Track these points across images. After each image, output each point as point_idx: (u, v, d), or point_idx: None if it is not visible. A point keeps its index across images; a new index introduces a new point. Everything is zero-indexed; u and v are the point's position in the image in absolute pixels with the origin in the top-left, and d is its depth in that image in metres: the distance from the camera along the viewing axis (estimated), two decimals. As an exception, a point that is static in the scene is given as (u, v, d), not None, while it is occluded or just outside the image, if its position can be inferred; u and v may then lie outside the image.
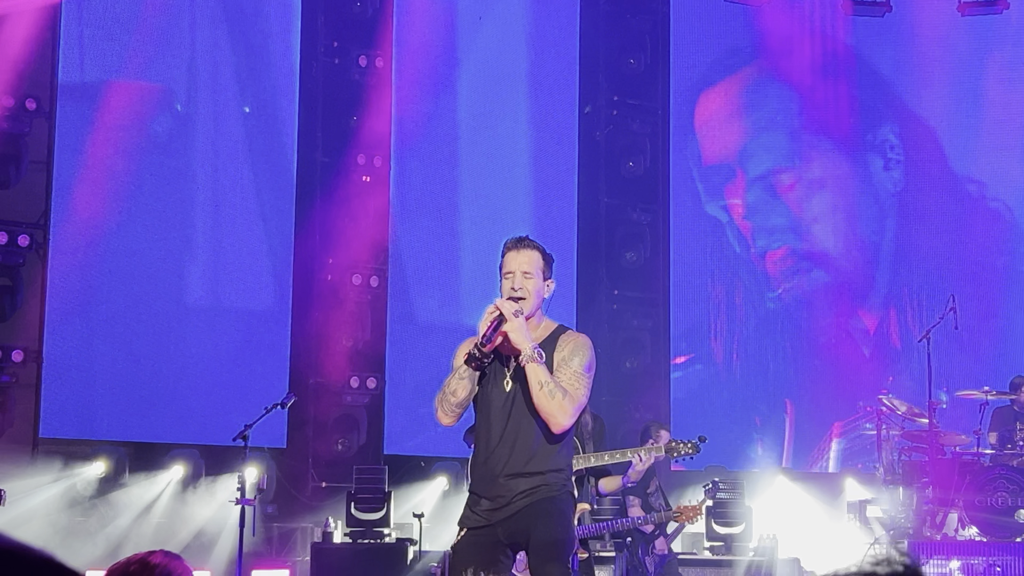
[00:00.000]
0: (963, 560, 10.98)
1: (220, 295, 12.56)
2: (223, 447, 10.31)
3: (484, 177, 13.69)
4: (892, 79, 15.05)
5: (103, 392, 11.91)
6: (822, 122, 14.89)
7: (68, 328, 11.70)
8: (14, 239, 11.20)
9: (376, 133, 12.78)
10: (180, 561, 3.38)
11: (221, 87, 12.63)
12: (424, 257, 13.39)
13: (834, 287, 14.76)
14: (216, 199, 12.56)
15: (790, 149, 14.86)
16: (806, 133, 14.91)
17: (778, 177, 14.73)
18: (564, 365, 5.61)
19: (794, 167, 14.79)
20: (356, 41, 12.82)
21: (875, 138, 14.96)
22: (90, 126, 11.90)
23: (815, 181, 14.82)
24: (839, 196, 14.91)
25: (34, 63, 11.44)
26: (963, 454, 11.83)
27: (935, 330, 11.81)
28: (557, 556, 5.53)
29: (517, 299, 5.62)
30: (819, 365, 14.42)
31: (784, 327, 14.60)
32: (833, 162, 14.93)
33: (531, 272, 5.68)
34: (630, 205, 14.06)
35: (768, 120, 14.83)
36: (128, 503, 11.44)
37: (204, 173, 12.54)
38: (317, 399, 12.40)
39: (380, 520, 11.34)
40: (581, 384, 5.59)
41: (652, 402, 13.79)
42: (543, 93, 14.13)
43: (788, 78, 14.87)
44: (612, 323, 13.86)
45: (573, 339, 5.73)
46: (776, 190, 14.72)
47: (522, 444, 5.59)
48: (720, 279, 14.52)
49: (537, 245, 5.79)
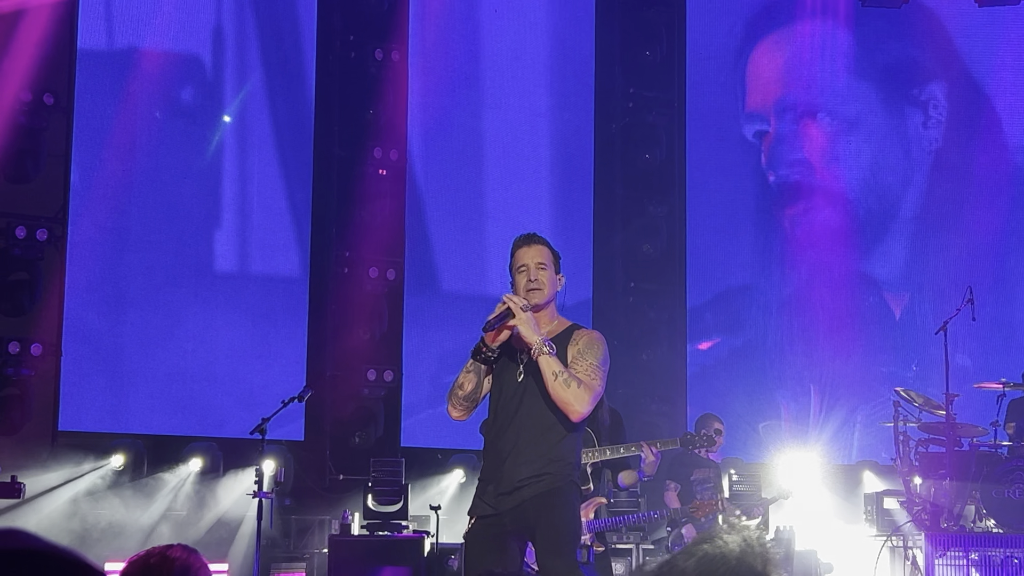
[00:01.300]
0: (981, 552, 10.97)
1: (242, 282, 12.61)
2: (241, 440, 10.35)
3: (500, 170, 13.71)
4: (957, 40, 14.81)
5: (122, 385, 11.96)
6: (869, 66, 14.71)
7: (87, 322, 11.75)
8: (32, 233, 11.25)
9: (392, 126, 12.80)
10: (198, 556, 3.41)
11: (247, 58, 12.72)
12: (440, 250, 13.40)
13: (847, 231, 14.61)
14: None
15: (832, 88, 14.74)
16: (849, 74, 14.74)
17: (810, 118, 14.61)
18: (580, 358, 5.68)
19: (829, 107, 14.67)
20: (372, 34, 12.84)
21: (920, 93, 14.81)
22: (113, 102, 11.98)
23: (848, 121, 14.68)
24: (867, 142, 14.74)
25: (52, 58, 11.49)
26: (980, 446, 11.81)
27: (952, 321, 11.78)
28: (562, 549, 5.58)
29: (534, 290, 5.70)
30: (842, 353, 14.35)
31: (803, 313, 14.50)
32: (869, 107, 14.76)
33: (544, 263, 5.76)
34: (646, 197, 14.05)
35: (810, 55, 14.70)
36: (146, 496, 11.49)
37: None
38: (334, 392, 12.43)
39: (397, 512, 11.37)
40: (597, 376, 5.65)
41: (668, 394, 13.79)
42: (559, 85, 14.13)
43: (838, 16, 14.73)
44: (628, 315, 13.86)
45: (587, 335, 5.80)
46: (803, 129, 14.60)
47: (529, 433, 5.67)
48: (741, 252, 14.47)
49: (546, 241, 5.88)
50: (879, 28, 14.70)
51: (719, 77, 14.67)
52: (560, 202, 14.00)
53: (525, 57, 13.92)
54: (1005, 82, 14.70)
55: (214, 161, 12.55)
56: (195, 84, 12.53)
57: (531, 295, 5.75)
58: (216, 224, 12.57)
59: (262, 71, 12.82)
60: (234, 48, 12.70)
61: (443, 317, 13.18)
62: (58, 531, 10.95)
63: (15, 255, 11.24)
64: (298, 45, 12.91)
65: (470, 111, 13.63)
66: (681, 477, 10.69)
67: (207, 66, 12.61)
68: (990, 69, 14.73)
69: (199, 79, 12.57)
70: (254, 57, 12.81)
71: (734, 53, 14.65)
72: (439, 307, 13.25)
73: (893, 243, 14.70)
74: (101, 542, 11.06)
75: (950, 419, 11.63)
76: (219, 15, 12.68)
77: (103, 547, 10.98)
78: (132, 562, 3.45)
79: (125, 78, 12.13)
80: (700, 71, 14.50)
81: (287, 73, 12.88)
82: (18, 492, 10.03)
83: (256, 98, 12.78)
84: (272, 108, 12.82)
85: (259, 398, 11.26)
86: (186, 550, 3.42)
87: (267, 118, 12.79)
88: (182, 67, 12.48)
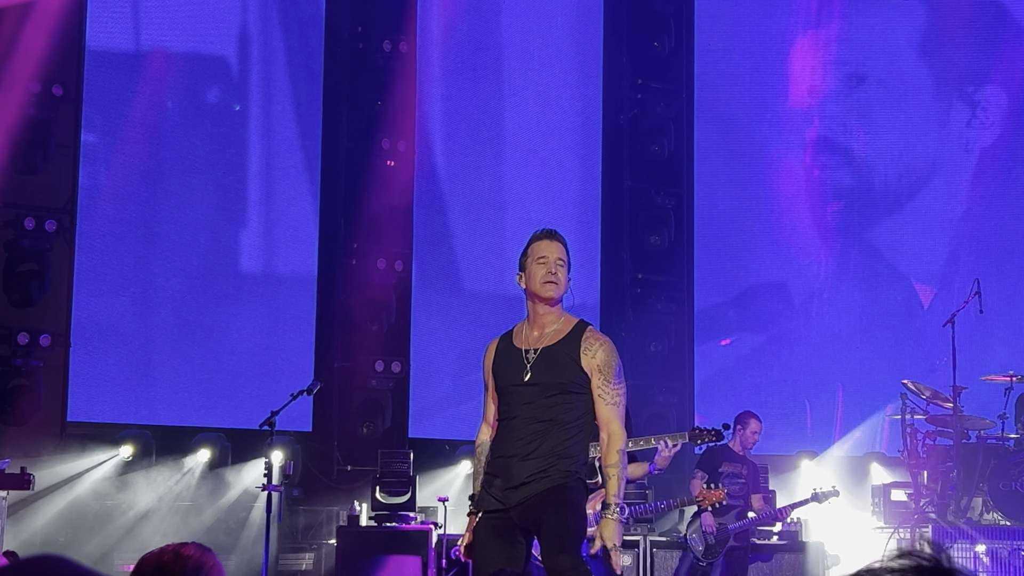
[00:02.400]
0: (988, 544, 10.98)
1: (250, 282, 12.64)
2: (250, 431, 10.37)
3: (507, 162, 13.71)
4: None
5: (130, 376, 11.99)
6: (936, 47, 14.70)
7: (95, 312, 11.78)
8: (41, 224, 11.27)
9: (401, 118, 12.81)
10: (212, 554, 3.42)
11: (271, 56, 12.74)
12: (448, 241, 13.41)
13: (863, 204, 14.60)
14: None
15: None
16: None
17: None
18: (603, 381, 5.75)
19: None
20: (380, 26, 12.84)
21: (974, 92, 14.73)
22: (129, 98, 12.00)
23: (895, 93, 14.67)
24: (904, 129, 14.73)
25: (61, 49, 11.50)
26: (987, 438, 11.82)
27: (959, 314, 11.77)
28: (567, 546, 5.61)
29: (550, 283, 5.75)
30: (860, 345, 14.31)
31: (831, 306, 14.45)
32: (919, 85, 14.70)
33: (563, 260, 5.82)
34: (654, 189, 14.05)
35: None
36: (154, 487, 11.52)
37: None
38: (343, 383, 12.45)
39: (405, 504, 11.40)
40: (619, 394, 5.82)
41: (676, 386, 13.80)
42: (567, 77, 14.11)
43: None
44: (636, 307, 13.86)
45: (600, 344, 5.82)
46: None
47: (537, 429, 5.72)
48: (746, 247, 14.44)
49: (565, 241, 5.92)
50: (955, 14, 14.65)
51: (727, 69, 14.63)
52: (567, 193, 13.98)
53: (532, 49, 13.91)
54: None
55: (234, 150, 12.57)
56: (219, 83, 12.54)
57: (546, 288, 5.80)
58: (237, 220, 12.59)
59: (279, 64, 12.82)
60: (259, 46, 12.71)
61: (464, 313, 13.15)
62: (66, 522, 11.00)
63: (24, 246, 11.27)
64: (306, 36, 12.92)
65: (476, 102, 13.62)
66: (709, 468, 10.73)
67: (232, 65, 12.62)
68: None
69: (223, 77, 12.58)
70: (272, 50, 12.80)
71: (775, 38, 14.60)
72: (459, 304, 13.23)
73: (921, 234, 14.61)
74: (110, 532, 11.10)
75: (957, 412, 11.64)
76: (244, 13, 12.70)
77: (111, 537, 11.02)
78: (145, 559, 3.45)
79: (142, 70, 12.14)
80: (708, 62, 14.49)
81: (296, 64, 12.88)
82: (28, 483, 10.05)
83: (278, 89, 12.80)
84: (285, 96, 12.83)
85: (268, 389, 11.28)
86: (200, 548, 3.42)
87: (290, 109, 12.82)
88: (207, 66, 12.50)
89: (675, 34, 14.24)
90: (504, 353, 5.90)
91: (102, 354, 11.82)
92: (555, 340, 5.82)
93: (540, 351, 5.81)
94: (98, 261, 11.85)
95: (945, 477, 11.72)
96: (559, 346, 5.80)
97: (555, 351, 5.78)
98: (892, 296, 14.52)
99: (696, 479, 10.63)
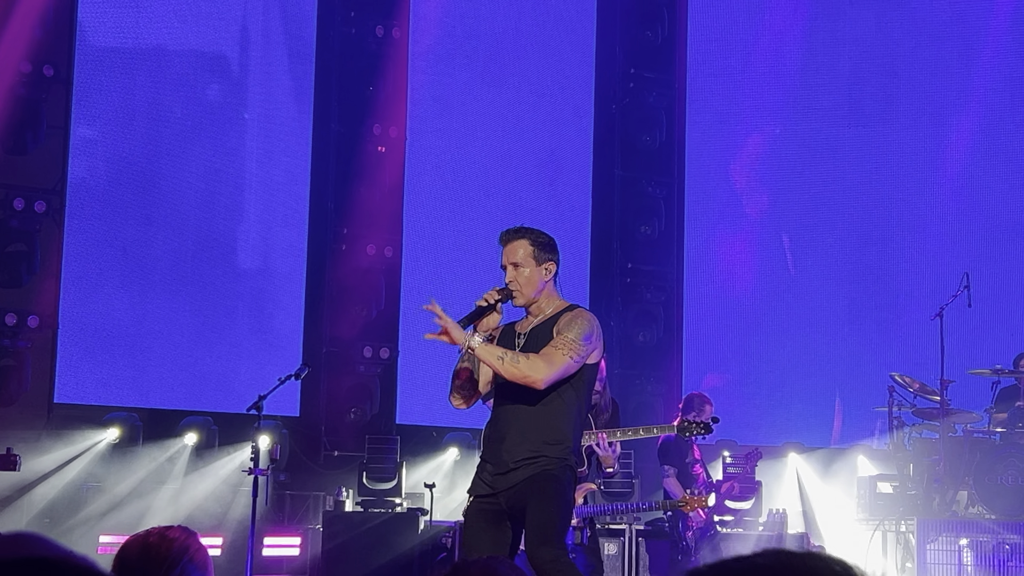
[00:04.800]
0: (972, 538, 11.01)
1: (241, 261, 12.61)
2: (237, 415, 10.37)
3: (499, 149, 13.69)
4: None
5: (118, 358, 11.98)
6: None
7: (83, 294, 11.76)
8: (31, 205, 11.25)
9: (392, 103, 12.78)
10: (196, 537, 3.43)
11: (272, 51, 12.71)
12: (437, 228, 13.39)
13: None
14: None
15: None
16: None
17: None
18: (557, 334, 5.74)
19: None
20: (373, 11, 12.82)
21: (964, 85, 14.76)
22: (122, 84, 11.97)
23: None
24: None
25: (52, 29, 11.46)
26: (974, 432, 11.85)
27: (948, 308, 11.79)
28: (548, 538, 5.64)
29: (510, 292, 5.87)
30: (847, 337, 14.33)
31: (827, 308, 14.47)
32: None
33: (519, 262, 5.84)
34: (644, 178, 14.04)
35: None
36: (141, 469, 11.51)
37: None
38: (331, 368, 12.45)
39: (392, 490, 11.42)
40: (568, 349, 5.70)
41: (664, 375, 13.81)
42: (559, 65, 14.10)
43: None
44: (625, 296, 13.87)
45: (570, 313, 5.85)
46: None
47: (526, 415, 5.76)
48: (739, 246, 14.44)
49: (524, 232, 5.91)
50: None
51: (719, 59, 14.63)
52: (558, 182, 13.97)
53: (525, 36, 13.89)
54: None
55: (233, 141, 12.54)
56: (211, 69, 12.51)
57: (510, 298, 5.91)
58: (226, 204, 12.56)
59: (272, 49, 12.79)
60: (252, 31, 12.68)
61: (453, 300, 13.12)
62: (53, 503, 10.99)
63: (13, 227, 11.24)
64: (299, 21, 12.89)
65: (469, 89, 13.60)
66: (676, 462, 10.70)
67: (225, 52, 12.58)
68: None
69: (215, 65, 12.54)
70: (265, 35, 12.78)
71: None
72: (448, 290, 13.21)
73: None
74: (95, 514, 11.09)
75: (944, 405, 11.67)
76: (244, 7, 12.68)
77: (97, 519, 11.01)
78: (130, 542, 3.46)
79: (134, 56, 12.11)
80: (701, 52, 14.48)
81: (289, 49, 12.85)
82: (14, 464, 10.05)
83: (270, 74, 12.77)
84: (277, 81, 12.81)
85: (256, 373, 11.28)
86: (185, 531, 3.43)
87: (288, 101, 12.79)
88: (200, 53, 12.46)
89: (668, 23, 14.23)
90: (503, 338, 5.96)
91: (90, 336, 11.80)
92: (542, 322, 5.88)
93: (527, 333, 5.87)
94: (88, 243, 11.83)
95: (931, 470, 11.76)
96: (542, 327, 5.85)
97: (539, 331, 5.84)
98: (880, 289, 14.55)
99: (670, 476, 10.61)
